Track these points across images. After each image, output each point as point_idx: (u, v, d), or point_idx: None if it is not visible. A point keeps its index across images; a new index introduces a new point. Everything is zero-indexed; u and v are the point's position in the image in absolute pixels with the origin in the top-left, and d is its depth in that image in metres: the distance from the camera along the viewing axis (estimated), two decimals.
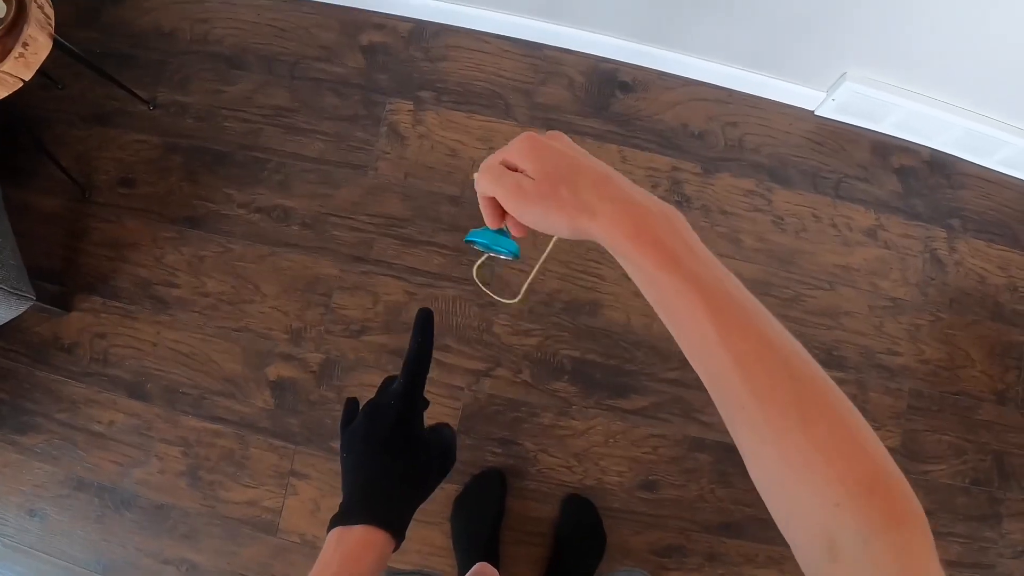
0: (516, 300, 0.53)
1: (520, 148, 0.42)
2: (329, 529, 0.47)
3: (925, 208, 1.58)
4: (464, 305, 1.45)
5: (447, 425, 0.56)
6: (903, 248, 1.55)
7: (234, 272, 1.48)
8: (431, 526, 1.37)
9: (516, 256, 0.49)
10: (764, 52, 1.50)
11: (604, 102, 1.57)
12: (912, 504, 0.33)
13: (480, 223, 0.47)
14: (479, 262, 0.53)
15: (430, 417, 0.52)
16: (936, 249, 1.56)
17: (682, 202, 1.53)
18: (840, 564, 0.32)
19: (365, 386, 1.42)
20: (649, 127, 1.56)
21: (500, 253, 0.48)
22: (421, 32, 1.60)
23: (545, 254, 0.50)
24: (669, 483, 1.40)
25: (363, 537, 0.46)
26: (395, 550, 0.48)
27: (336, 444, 1.40)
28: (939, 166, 1.61)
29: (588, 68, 1.58)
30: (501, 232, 0.47)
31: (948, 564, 1.43)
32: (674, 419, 1.42)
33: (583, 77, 1.58)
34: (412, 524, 0.49)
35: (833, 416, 0.34)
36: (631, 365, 1.44)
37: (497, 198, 0.43)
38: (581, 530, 1.36)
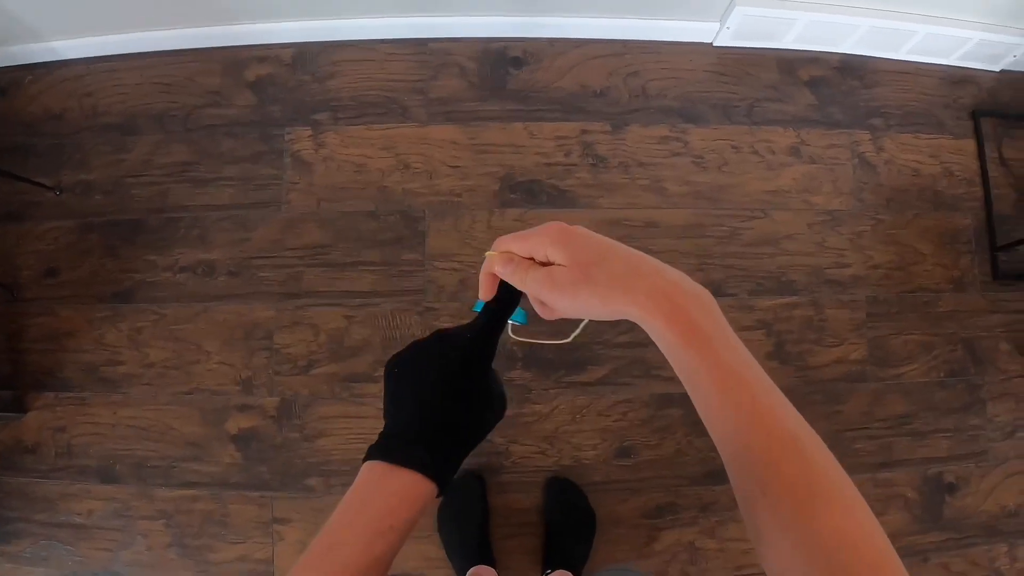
0: (569, 340, 0.57)
1: (549, 235, 0.43)
2: (367, 458, 0.42)
3: (844, 114, 1.55)
4: (404, 316, 1.44)
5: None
6: (830, 159, 1.52)
7: (173, 336, 1.47)
8: (423, 540, 1.37)
9: (525, 323, 0.51)
10: None
11: (500, 82, 1.54)
12: None
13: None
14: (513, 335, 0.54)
15: None
16: (863, 152, 1.53)
17: (598, 163, 1.50)
18: None
19: (327, 419, 1.41)
20: (549, 97, 1.53)
21: (513, 321, 0.50)
22: (304, 55, 1.57)
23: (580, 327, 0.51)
24: (644, 445, 1.39)
25: (410, 486, 0.41)
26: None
27: (312, 481, 1.39)
28: (850, 69, 1.58)
29: (477, 52, 1.55)
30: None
31: (940, 460, 1.42)
32: (636, 381, 1.41)
33: (473, 62, 1.55)
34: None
35: (846, 504, 0.37)
36: (581, 337, 1.42)
37: (528, 292, 0.44)
38: (569, 511, 1.35)
